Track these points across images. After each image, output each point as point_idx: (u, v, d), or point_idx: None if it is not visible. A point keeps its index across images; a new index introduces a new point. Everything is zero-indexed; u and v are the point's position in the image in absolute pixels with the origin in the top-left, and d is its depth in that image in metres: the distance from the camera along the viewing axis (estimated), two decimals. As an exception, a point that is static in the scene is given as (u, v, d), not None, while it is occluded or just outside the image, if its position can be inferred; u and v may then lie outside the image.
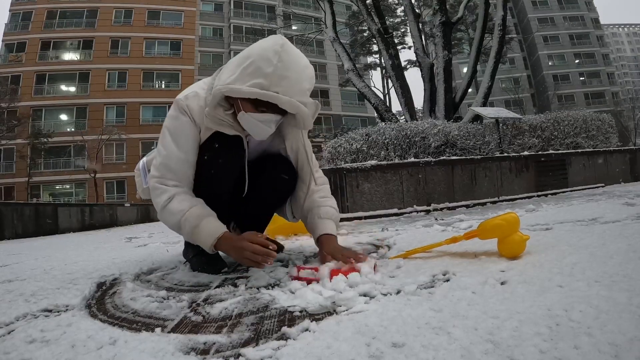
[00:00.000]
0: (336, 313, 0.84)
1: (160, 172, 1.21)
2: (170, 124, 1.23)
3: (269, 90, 1.06)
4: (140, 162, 1.46)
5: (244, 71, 1.08)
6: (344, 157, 4.25)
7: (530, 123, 5.15)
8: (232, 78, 1.10)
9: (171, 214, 1.18)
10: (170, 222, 1.22)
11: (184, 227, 1.18)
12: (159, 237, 3.33)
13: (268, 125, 1.17)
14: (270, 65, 1.06)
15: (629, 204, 2.10)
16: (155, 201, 1.23)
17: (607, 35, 52.48)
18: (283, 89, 1.07)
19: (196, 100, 1.21)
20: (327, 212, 1.31)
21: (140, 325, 0.88)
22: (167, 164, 1.21)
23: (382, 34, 7.38)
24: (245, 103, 1.13)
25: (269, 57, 1.07)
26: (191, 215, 1.17)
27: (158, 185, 1.21)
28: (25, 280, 1.43)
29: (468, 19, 16.96)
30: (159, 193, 1.21)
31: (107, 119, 24.84)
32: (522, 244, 1.07)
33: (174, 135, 1.21)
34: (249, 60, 1.09)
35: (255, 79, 1.06)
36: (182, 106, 1.21)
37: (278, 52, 1.07)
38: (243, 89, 1.07)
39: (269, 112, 1.14)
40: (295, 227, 2.09)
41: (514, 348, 0.57)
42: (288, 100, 1.07)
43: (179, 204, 1.18)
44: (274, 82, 1.06)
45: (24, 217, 6.39)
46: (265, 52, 1.08)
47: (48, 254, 2.55)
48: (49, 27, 25.33)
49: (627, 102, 36.99)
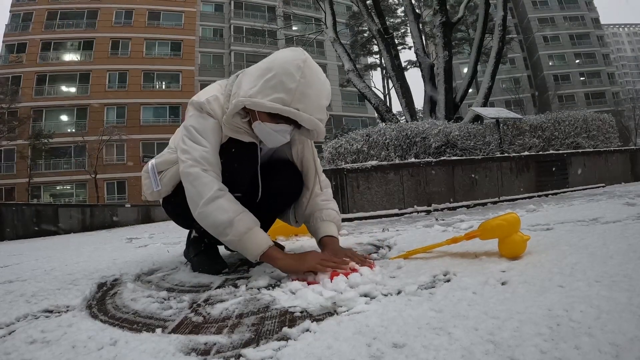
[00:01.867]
0: (337, 313, 0.84)
1: (201, 164, 1.16)
2: (197, 123, 1.20)
3: (290, 107, 1.07)
4: (149, 164, 1.42)
5: (265, 84, 1.08)
6: (345, 157, 4.25)
7: (531, 123, 5.15)
8: (254, 90, 1.09)
9: (222, 211, 1.12)
10: (216, 220, 1.13)
11: (232, 230, 1.12)
12: (159, 237, 3.33)
13: (283, 135, 1.18)
14: (293, 81, 1.06)
15: (630, 204, 2.10)
16: (199, 190, 1.14)
17: (607, 35, 52.46)
18: (304, 106, 1.08)
19: (217, 104, 1.20)
20: (329, 215, 1.32)
21: (141, 326, 0.88)
22: (205, 157, 1.16)
23: (383, 35, 7.38)
24: (262, 114, 1.14)
25: (292, 72, 1.07)
26: (241, 220, 1.12)
27: (202, 173, 1.15)
28: (26, 280, 1.43)
29: (468, 19, 16.97)
30: (205, 182, 1.14)
31: (107, 119, 24.85)
32: (522, 244, 1.07)
33: (203, 133, 1.19)
34: (271, 73, 1.08)
35: (277, 94, 1.07)
36: (207, 109, 1.19)
37: (301, 67, 1.08)
38: (265, 104, 1.07)
39: (285, 123, 1.15)
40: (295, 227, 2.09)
41: (515, 348, 0.57)
42: (308, 117, 1.09)
43: (231, 202, 1.14)
44: (296, 99, 1.07)
45: (25, 217, 6.39)
46: (288, 66, 1.08)
47: (49, 255, 2.55)
48: (50, 28, 25.35)
49: (627, 102, 36.93)
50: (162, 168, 1.37)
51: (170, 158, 1.34)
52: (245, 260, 1.48)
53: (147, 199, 1.50)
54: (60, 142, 23.49)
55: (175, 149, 1.30)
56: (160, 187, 1.36)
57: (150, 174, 1.38)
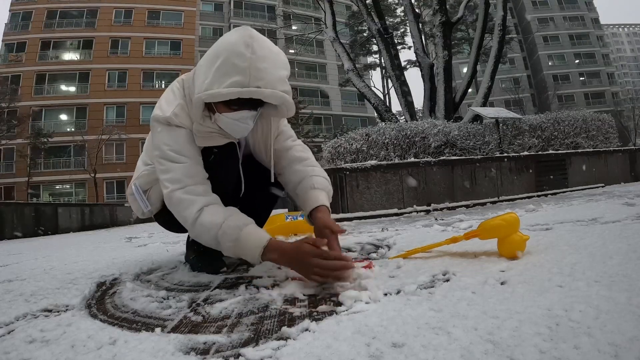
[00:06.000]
0: (336, 313, 0.84)
1: (182, 182, 1.11)
2: (169, 139, 1.14)
3: (250, 87, 0.99)
4: (132, 186, 1.36)
5: (217, 72, 1.01)
6: (344, 157, 4.25)
7: (530, 123, 5.15)
8: (207, 82, 1.02)
9: (205, 229, 1.08)
10: (205, 238, 1.10)
11: (223, 241, 1.07)
12: (158, 237, 3.33)
13: (245, 123, 1.12)
14: (244, 60, 0.99)
15: (629, 204, 2.10)
16: (182, 215, 1.11)
17: (607, 35, 52.52)
18: (264, 82, 1.00)
19: (185, 114, 1.15)
20: (319, 183, 1.23)
21: (140, 325, 0.88)
22: (185, 172, 1.12)
23: (382, 34, 7.39)
24: (219, 105, 1.08)
25: (241, 51, 1.00)
26: (228, 227, 1.06)
27: (184, 197, 1.10)
28: (25, 280, 1.43)
29: (468, 19, 16.94)
30: (186, 205, 1.10)
31: (107, 118, 24.85)
32: (522, 244, 1.07)
33: (178, 149, 1.13)
34: (220, 59, 1.01)
35: (232, 78, 0.99)
36: (176, 123, 1.14)
37: (249, 44, 1.00)
38: (222, 92, 1.00)
39: (243, 109, 1.09)
40: (295, 227, 2.10)
41: (514, 348, 0.57)
42: (271, 92, 1.01)
43: (211, 216, 1.08)
44: (252, 77, 0.99)
45: (24, 217, 6.39)
46: (235, 47, 1.01)
47: (48, 254, 2.55)
48: (49, 27, 25.34)
49: (627, 102, 36.99)
50: (147, 187, 1.32)
51: (151, 176, 1.28)
52: (244, 260, 1.47)
53: (140, 218, 1.48)
54: (60, 141, 23.48)
55: (152, 164, 1.24)
56: (150, 207, 1.32)
57: (137, 195, 1.32)
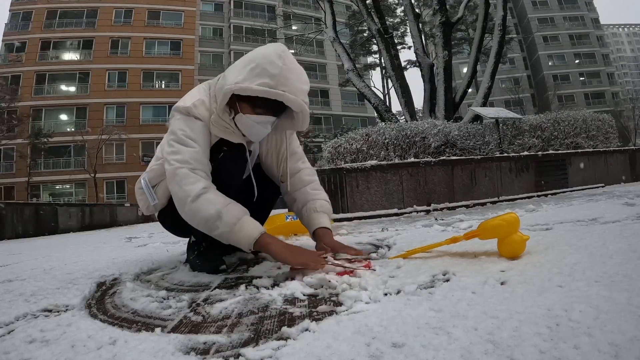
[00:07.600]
0: (336, 313, 0.84)
1: (190, 164, 1.17)
2: (185, 126, 1.21)
3: (277, 89, 1.13)
4: (142, 180, 1.42)
5: (251, 72, 1.14)
6: (344, 157, 4.25)
7: (530, 123, 5.15)
8: (240, 78, 1.15)
9: (209, 203, 1.13)
10: (204, 212, 1.14)
11: (226, 217, 1.13)
12: (158, 237, 3.33)
13: (264, 126, 1.24)
14: (276, 68, 1.14)
15: (629, 204, 2.10)
16: (185, 189, 1.15)
17: (607, 36, 52.51)
18: (289, 89, 1.14)
19: (204, 107, 1.24)
20: (322, 206, 1.39)
21: (140, 325, 0.88)
22: (194, 157, 1.18)
23: (382, 34, 7.38)
24: (243, 105, 1.19)
25: (274, 60, 1.14)
26: (235, 207, 1.15)
27: (190, 173, 1.16)
28: (25, 280, 1.43)
29: (468, 19, 16.95)
30: (192, 181, 1.15)
31: (107, 118, 24.82)
32: (522, 244, 1.07)
33: (192, 135, 1.20)
34: (254, 62, 1.15)
35: (263, 79, 1.13)
36: (194, 113, 1.22)
37: (282, 56, 1.16)
38: (253, 87, 1.13)
39: (266, 114, 1.21)
40: (295, 227, 2.10)
41: (514, 348, 0.57)
42: (295, 99, 1.15)
43: (217, 195, 1.16)
44: (280, 82, 1.13)
45: (24, 217, 6.38)
46: (269, 56, 1.15)
47: (48, 254, 2.55)
48: (49, 27, 25.31)
49: (627, 102, 36.95)
50: (155, 182, 1.38)
51: (161, 171, 1.33)
52: (244, 260, 1.48)
53: (145, 214, 1.52)
54: (60, 141, 23.45)
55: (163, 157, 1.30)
56: (157, 200, 1.36)
57: (145, 189, 1.39)
